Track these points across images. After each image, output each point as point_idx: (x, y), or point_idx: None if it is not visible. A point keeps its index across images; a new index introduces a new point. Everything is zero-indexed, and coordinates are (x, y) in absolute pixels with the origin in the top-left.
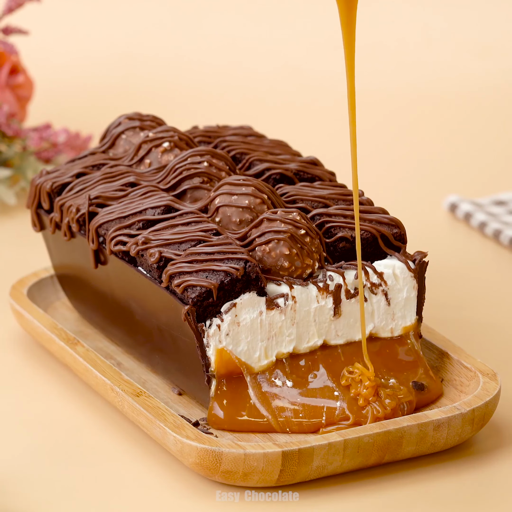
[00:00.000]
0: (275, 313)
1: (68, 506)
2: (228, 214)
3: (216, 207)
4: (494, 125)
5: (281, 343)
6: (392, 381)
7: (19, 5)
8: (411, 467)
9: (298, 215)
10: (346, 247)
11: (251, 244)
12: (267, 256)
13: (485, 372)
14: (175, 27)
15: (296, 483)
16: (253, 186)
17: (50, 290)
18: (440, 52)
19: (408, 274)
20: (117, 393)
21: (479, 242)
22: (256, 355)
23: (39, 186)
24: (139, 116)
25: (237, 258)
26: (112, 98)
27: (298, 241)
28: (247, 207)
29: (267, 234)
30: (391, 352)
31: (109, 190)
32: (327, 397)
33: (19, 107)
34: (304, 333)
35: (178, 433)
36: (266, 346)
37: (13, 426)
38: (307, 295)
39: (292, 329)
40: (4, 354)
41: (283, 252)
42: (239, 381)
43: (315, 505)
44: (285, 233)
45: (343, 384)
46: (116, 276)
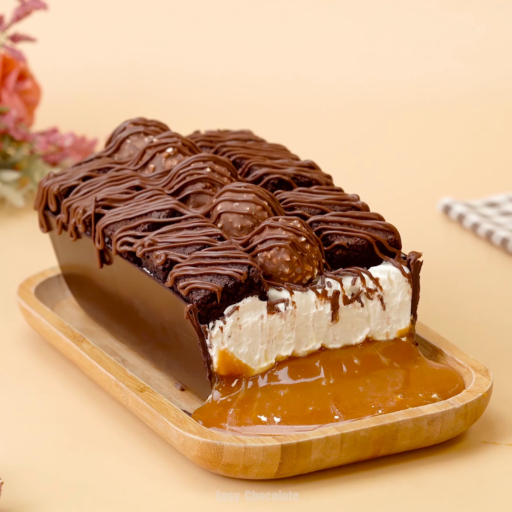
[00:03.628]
0: (275, 318)
1: (73, 496)
2: (230, 220)
3: (218, 213)
4: (487, 129)
5: (281, 346)
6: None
7: (27, 13)
8: (406, 460)
9: (298, 222)
10: (343, 255)
11: (253, 250)
12: (269, 262)
13: (478, 368)
14: (178, 36)
15: (296, 483)
16: (254, 193)
17: (57, 289)
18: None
19: (403, 279)
20: (121, 388)
21: (471, 243)
22: (256, 358)
23: (46, 189)
24: (143, 122)
25: (241, 263)
26: (117, 103)
27: (299, 248)
28: (248, 213)
29: (268, 241)
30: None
31: (115, 193)
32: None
33: (27, 112)
34: (303, 337)
35: (180, 427)
36: (266, 349)
37: (21, 420)
38: (307, 300)
39: (292, 333)
40: (13, 351)
41: (284, 258)
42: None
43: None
44: (286, 240)
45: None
46: (121, 276)
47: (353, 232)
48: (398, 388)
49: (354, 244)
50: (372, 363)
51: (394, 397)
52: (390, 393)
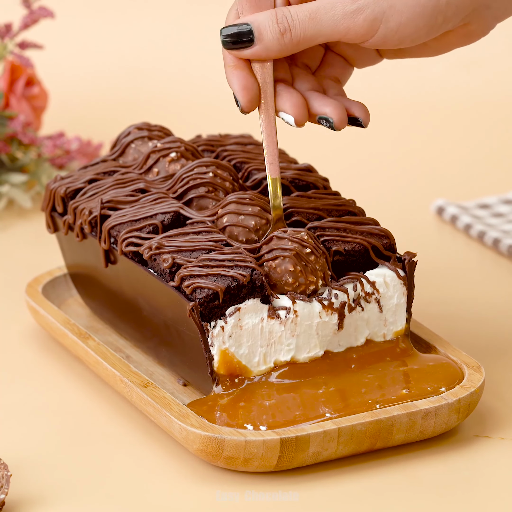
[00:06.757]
0: (275, 323)
1: (79, 489)
2: (235, 233)
3: (224, 226)
4: (479, 133)
5: (280, 351)
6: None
7: (35, 21)
8: (401, 453)
9: (306, 234)
10: (340, 260)
11: (261, 259)
12: (273, 271)
13: (470, 365)
14: (180, 43)
15: (295, 475)
16: (259, 205)
17: (64, 287)
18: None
19: (398, 282)
20: (126, 384)
21: (464, 243)
22: (255, 360)
23: (53, 191)
24: (148, 126)
25: (245, 266)
26: (121, 108)
27: (303, 259)
28: (253, 228)
29: (274, 251)
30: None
31: (120, 195)
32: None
33: (34, 117)
34: (305, 344)
35: (183, 421)
36: (265, 352)
37: (28, 414)
38: (309, 310)
39: (292, 340)
40: (21, 347)
41: (287, 268)
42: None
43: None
44: (291, 250)
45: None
46: (125, 275)
47: (349, 237)
48: (404, 384)
49: (350, 249)
50: (372, 362)
51: (400, 392)
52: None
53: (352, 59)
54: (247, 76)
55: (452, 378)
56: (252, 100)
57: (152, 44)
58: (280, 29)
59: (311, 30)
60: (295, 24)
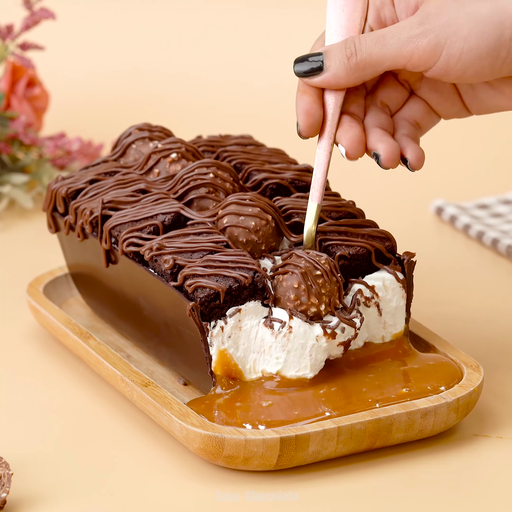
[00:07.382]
0: (267, 332)
1: (80, 487)
2: (236, 234)
3: (224, 227)
4: (479, 134)
5: (268, 362)
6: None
7: (36, 22)
8: (400, 452)
9: (325, 260)
10: (345, 265)
11: (276, 271)
12: (279, 285)
13: (469, 364)
14: (181, 44)
15: (295, 474)
16: (259, 206)
17: (65, 287)
18: None
19: (397, 285)
20: (126, 383)
21: (463, 243)
22: (247, 367)
23: (54, 191)
24: (148, 127)
25: (248, 268)
26: (122, 109)
27: (310, 279)
28: (253, 228)
29: (286, 266)
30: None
31: (121, 196)
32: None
33: (35, 118)
34: (295, 362)
35: (183, 420)
36: (255, 359)
37: (30, 413)
38: (306, 330)
39: (281, 354)
40: (22, 347)
41: (292, 284)
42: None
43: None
44: (300, 268)
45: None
46: (126, 275)
47: (353, 241)
48: (404, 383)
49: (355, 253)
50: (371, 362)
51: (400, 391)
52: (396, 388)
53: (435, 106)
54: (312, 102)
55: (451, 377)
56: (311, 126)
57: (153, 45)
58: (346, 54)
59: (377, 53)
60: (361, 48)
